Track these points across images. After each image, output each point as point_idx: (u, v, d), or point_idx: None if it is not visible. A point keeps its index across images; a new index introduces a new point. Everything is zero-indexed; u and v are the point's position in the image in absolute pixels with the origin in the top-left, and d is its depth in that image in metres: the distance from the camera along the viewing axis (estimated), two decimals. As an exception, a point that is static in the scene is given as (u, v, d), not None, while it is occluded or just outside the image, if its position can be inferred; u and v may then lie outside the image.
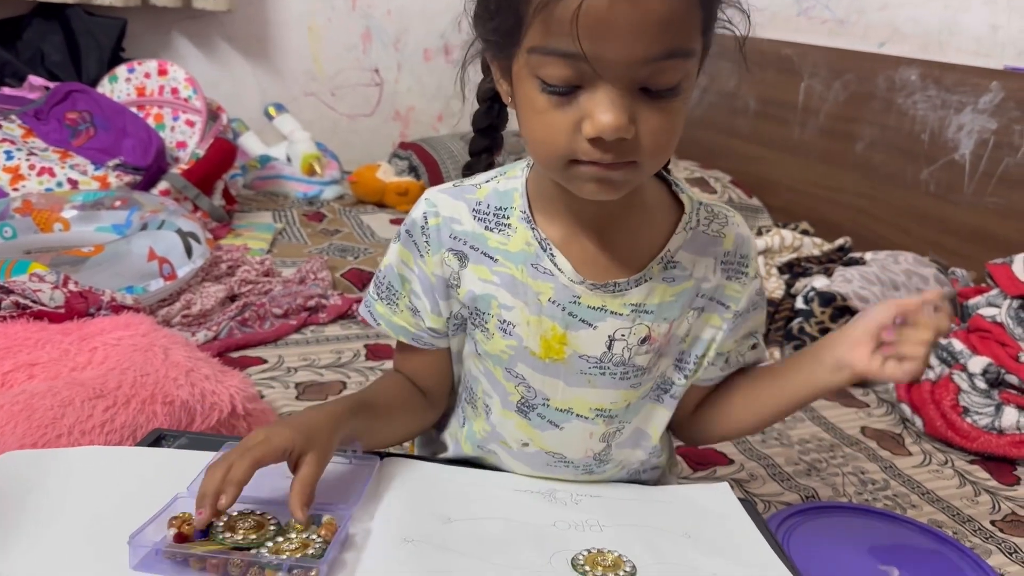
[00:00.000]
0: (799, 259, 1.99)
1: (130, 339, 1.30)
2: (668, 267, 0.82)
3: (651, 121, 0.66)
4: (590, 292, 0.81)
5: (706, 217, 0.85)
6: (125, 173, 2.17)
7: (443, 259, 0.84)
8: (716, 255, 0.85)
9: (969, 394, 1.56)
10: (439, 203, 0.84)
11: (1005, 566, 1.21)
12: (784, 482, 1.38)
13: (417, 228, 0.85)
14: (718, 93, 2.90)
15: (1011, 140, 1.98)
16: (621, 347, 0.83)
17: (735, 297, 0.87)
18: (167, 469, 0.85)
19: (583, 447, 0.89)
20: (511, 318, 0.83)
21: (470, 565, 0.74)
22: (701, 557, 0.80)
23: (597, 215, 0.80)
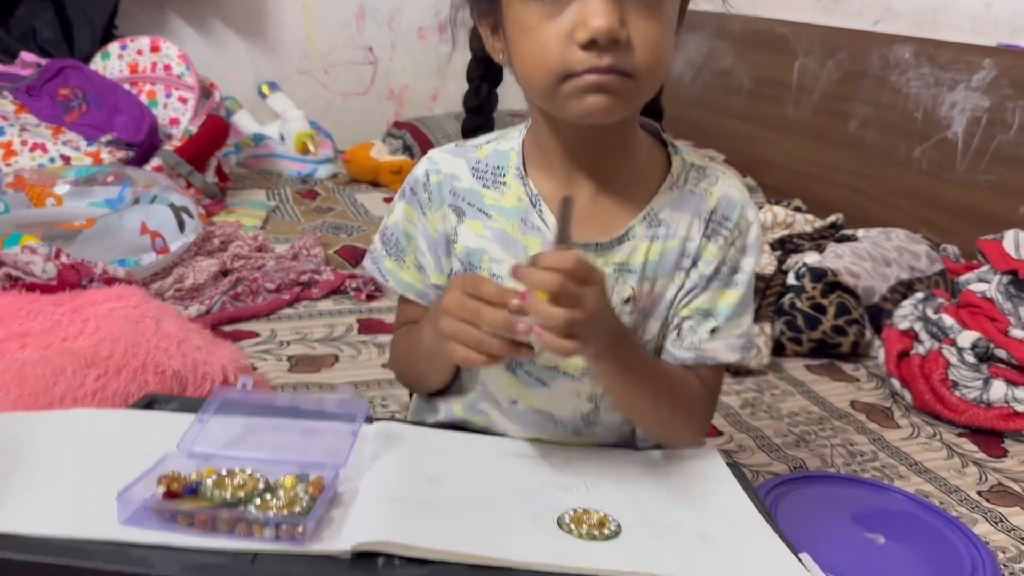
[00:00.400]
0: (791, 236, 2.00)
1: (122, 310, 1.30)
2: (652, 225, 0.83)
3: (641, 25, 0.68)
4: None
5: (695, 176, 0.85)
6: (118, 149, 2.16)
7: (444, 215, 0.86)
8: (700, 214, 0.84)
9: (958, 368, 1.57)
10: (440, 161, 0.87)
11: (990, 534, 1.22)
12: (772, 453, 1.39)
13: (420, 185, 0.87)
14: (712, 72, 2.90)
15: (1004, 118, 1.98)
16: None
17: (708, 259, 0.84)
18: (158, 430, 0.86)
19: (571, 406, 0.89)
20: (500, 272, 0.84)
21: (455, 521, 0.74)
22: (687, 518, 0.80)
23: (588, 173, 0.81)
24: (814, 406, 1.57)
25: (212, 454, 0.80)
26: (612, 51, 0.68)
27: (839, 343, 1.75)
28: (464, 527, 0.74)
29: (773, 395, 1.60)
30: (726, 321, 0.86)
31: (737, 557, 0.76)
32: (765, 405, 1.56)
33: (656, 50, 0.70)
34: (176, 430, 0.82)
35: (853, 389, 1.66)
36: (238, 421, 0.86)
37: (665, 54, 0.72)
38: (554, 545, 0.73)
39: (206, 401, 0.88)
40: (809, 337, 1.75)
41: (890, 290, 1.86)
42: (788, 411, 1.54)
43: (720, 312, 0.85)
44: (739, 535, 0.79)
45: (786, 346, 1.76)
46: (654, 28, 0.69)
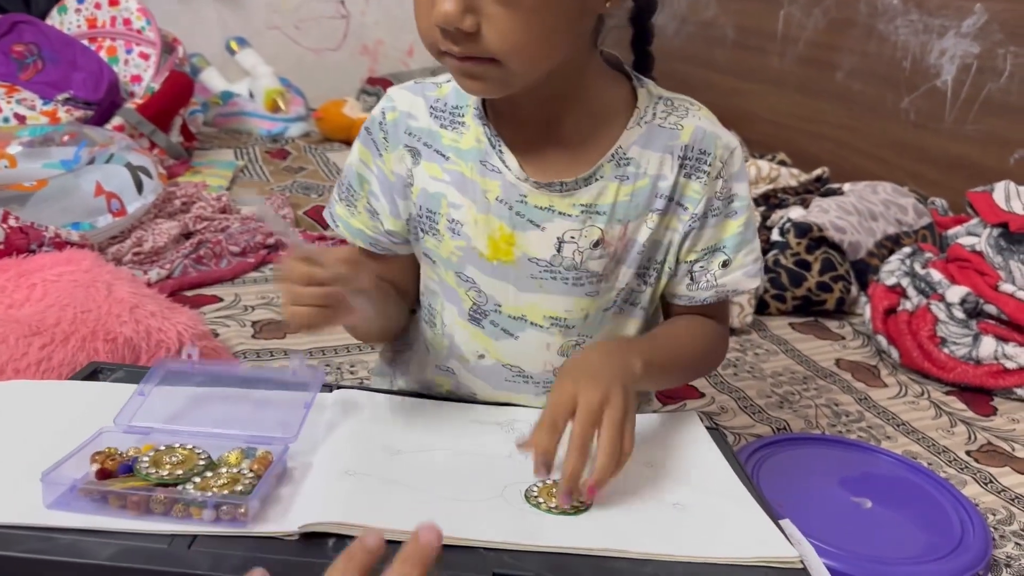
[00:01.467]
0: (775, 190, 1.94)
1: (71, 275, 1.23)
2: (620, 164, 0.78)
3: (495, 16, 0.64)
4: (536, 191, 0.78)
5: (664, 110, 0.80)
6: (76, 108, 2.07)
7: (400, 156, 0.82)
8: (673, 150, 0.79)
9: (947, 324, 1.53)
10: (397, 99, 0.83)
11: (980, 496, 1.18)
12: (756, 415, 1.34)
13: (376, 124, 0.83)
14: (696, 23, 2.82)
15: (995, 65, 1.92)
16: (572, 250, 0.79)
17: (694, 198, 0.81)
18: (99, 403, 0.80)
19: (541, 359, 0.85)
20: (459, 216, 0.80)
21: (414, 497, 0.69)
22: (664, 487, 0.76)
23: (545, 112, 0.77)
24: (798, 365, 1.53)
25: (152, 428, 0.74)
26: (462, 39, 0.66)
27: (824, 300, 1.70)
28: (424, 503, 0.69)
29: (756, 355, 1.56)
30: (736, 250, 0.84)
31: (715, 527, 0.71)
32: (748, 365, 1.51)
33: (512, 40, 0.65)
34: (119, 401, 0.77)
35: (838, 347, 1.61)
36: (183, 393, 0.80)
37: (531, 42, 0.66)
38: (521, 521, 0.68)
39: (149, 371, 0.82)
40: (793, 294, 1.70)
41: (876, 245, 1.81)
42: (771, 371, 1.50)
43: (727, 244, 0.83)
44: (718, 504, 0.75)
45: (769, 304, 1.71)
46: (512, 19, 0.64)
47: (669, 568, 0.66)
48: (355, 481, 0.70)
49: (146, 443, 0.71)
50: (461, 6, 0.64)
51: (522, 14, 0.65)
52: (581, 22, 0.71)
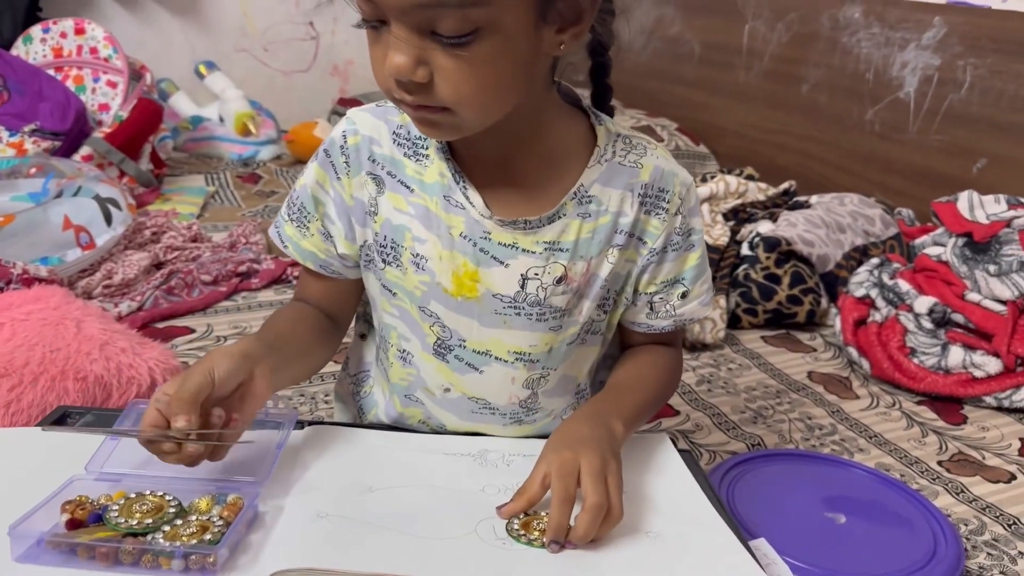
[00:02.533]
0: (744, 205, 1.96)
1: (40, 313, 1.22)
2: (583, 202, 0.79)
3: (446, 68, 0.65)
4: (500, 228, 0.78)
5: (623, 148, 0.81)
6: (43, 139, 2.06)
7: (363, 182, 0.81)
8: (633, 187, 0.81)
9: (916, 334, 1.55)
10: (359, 122, 0.82)
11: (952, 506, 1.20)
12: (730, 431, 1.35)
13: (336, 147, 0.82)
14: (662, 39, 2.84)
15: (955, 76, 1.95)
16: (535, 286, 0.80)
17: (653, 234, 0.82)
18: (69, 449, 0.79)
19: (506, 393, 0.85)
20: (424, 252, 0.80)
21: (388, 538, 0.69)
22: (637, 516, 0.76)
23: (503, 152, 0.78)
24: (771, 379, 1.54)
25: (124, 475, 0.73)
26: (416, 89, 0.66)
27: (795, 313, 1.72)
28: (397, 544, 0.69)
29: (730, 369, 1.57)
30: (693, 282, 0.86)
31: (686, 555, 0.72)
32: (722, 380, 1.52)
33: (463, 91, 0.66)
34: (88, 448, 0.76)
35: (810, 359, 1.63)
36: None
37: (483, 91, 0.67)
38: (495, 559, 0.68)
39: (121, 415, 0.82)
40: (764, 308, 1.72)
41: (845, 257, 1.83)
42: (745, 385, 1.51)
43: (686, 276, 0.86)
44: (689, 531, 0.75)
45: (741, 318, 1.73)
46: (461, 71, 0.65)
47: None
48: (326, 523, 0.70)
49: (118, 490, 0.71)
50: (413, 59, 0.64)
51: (473, 66, 0.65)
52: (535, 67, 0.72)
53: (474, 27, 0.63)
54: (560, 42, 0.70)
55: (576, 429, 0.77)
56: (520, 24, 0.66)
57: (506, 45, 0.66)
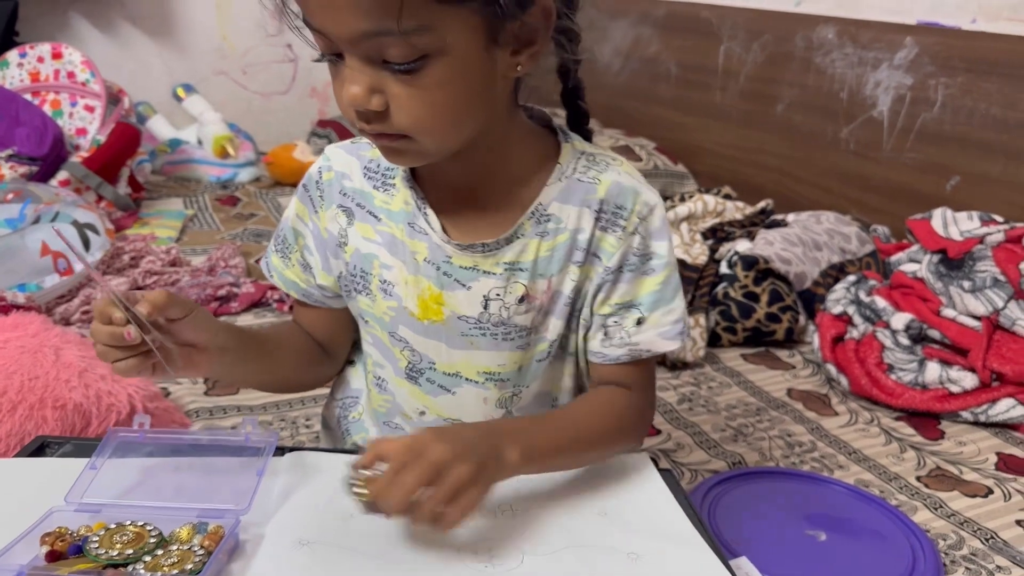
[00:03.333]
0: (722, 224, 1.98)
1: (18, 340, 1.21)
2: (541, 221, 0.79)
3: (398, 95, 0.66)
4: (459, 252, 0.79)
5: (585, 165, 0.81)
6: (20, 164, 2.05)
7: (335, 214, 0.84)
8: (590, 203, 0.80)
9: (893, 351, 1.56)
10: (333, 158, 0.85)
11: (930, 521, 1.21)
12: (711, 449, 1.36)
13: (312, 183, 0.85)
14: (639, 60, 2.87)
15: (927, 95, 1.98)
16: (498, 307, 0.81)
17: (608, 251, 0.81)
18: (48, 480, 0.79)
19: (480, 413, 0.86)
20: (390, 278, 0.82)
21: (367, 564, 0.69)
22: (618, 537, 0.76)
23: (467, 176, 0.79)
24: (751, 397, 1.55)
25: (104, 505, 0.73)
26: (373, 118, 0.68)
27: (774, 330, 1.74)
28: (379, 569, 0.69)
29: (710, 388, 1.58)
30: (652, 309, 0.83)
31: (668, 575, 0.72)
32: (702, 399, 1.53)
33: (419, 118, 0.67)
34: (68, 478, 0.76)
35: (789, 377, 1.64)
36: (134, 464, 0.79)
37: (437, 117, 0.68)
38: (476, 583, 0.68)
39: (100, 444, 0.81)
40: (744, 326, 1.73)
41: (822, 274, 1.85)
42: (725, 404, 1.52)
43: (643, 301, 0.83)
44: (670, 551, 0.76)
45: (721, 336, 1.74)
46: (414, 97, 0.66)
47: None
48: (308, 551, 0.70)
49: (98, 520, 0.70)
50: (367, 88, 0.66)
51: (425, 91, 0.66)
52: (492, 90, 0.72)
53: (421, 53, 0.64)
54: (516, 64, 0.71)
55: (466, 432, 0.73)
56: (470, 48, 0.66)
57: (457, 69, 0.66)
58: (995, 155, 1.86)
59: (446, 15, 0.63)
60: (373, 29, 0.63)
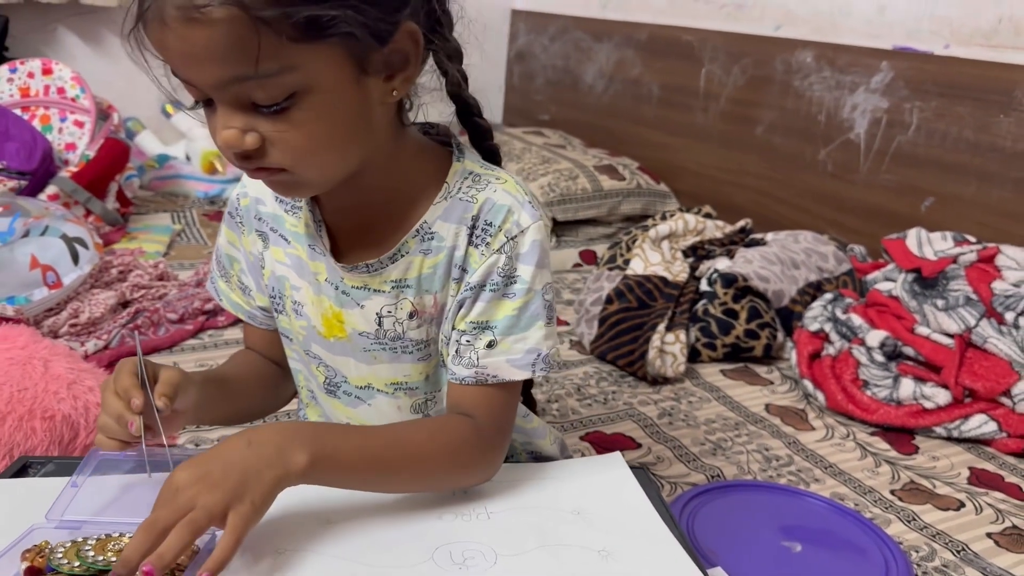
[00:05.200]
0: (703, 242, 2.02)
1: (7, 352, 1.23)
2: (425, 239, 0.80)
3: (272, 133, 0.67)
4: (348, 273, 0.82)
5: (469, 184, 0.81)
6: (9, 178, 2.06)
7: (254, 239, 0.87)
8: (465, 221, 0.80)
9: (868, 367, 1.60)
10: (248, 184, 0.87)
11: (904, 534, 1.24)
12: (690, 463, 1.39)
13: (234, 209, 0.88)
14: (623, 81, 2.91)
15: (902, 118, 2.03)
16: (391, 322, 0.83)
17: (473, 267, 0.80)
18: (28, 499, 0.80)
19: (397, 419, 0.88)
20: (299, 298, 0.85)
21: (346, 568, 0.71)
22: (591, 535, 0.78)
23: (358, 199, 0.79)
24: (730, 412, 1.58)
25: (84, 521, 0.74)
26: (251, 155, 0.68)
27: (752, 347, 1.77)
28: (356, 573, 0.71)
29: (690, 403, 1.61)
30: (505, 334, 0.80)
31: (639, 573, 0.74)
32: (683, 414, 1.56)
33: (294, 153, 0.68)
34: (49, 497, 0.76)
35: (767, 392, 1.67)
36: (115, 481, 0.80)
37: (313, 151, 0.69)
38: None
39: (82, 462, 0.83)
40: (723, 342, 1.76)
41: (799, 292, 1.89)
42: (705, 418, 1.55)
43: (497, 325, 0.80)
44: (643, 550, 0.78)
45: (701, 352, 1.77)
46: (288, 132, 0.67)
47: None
48: (284, 559, 0.71)
49: (79, 537, 0.71)
50: (239, 130, 0.66)
51: (298, 128, 0.67)
52: (370, 118, 0.72)
53: (288, 92, 0.65)
54: (391, 89, 0.72)
55: (232, 452, 0.69)
56: (338, 81, 0.67)
57: (328, 103, 0.67)
58: (968, 177, 1.91)
59: (306, 53, 0.64)
60: (234, 75, 0.63)
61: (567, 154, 2.71)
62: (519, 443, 0.98)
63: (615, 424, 1.51)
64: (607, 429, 1.49)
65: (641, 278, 1.85)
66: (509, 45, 3.48)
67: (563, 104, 3.22)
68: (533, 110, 3.35)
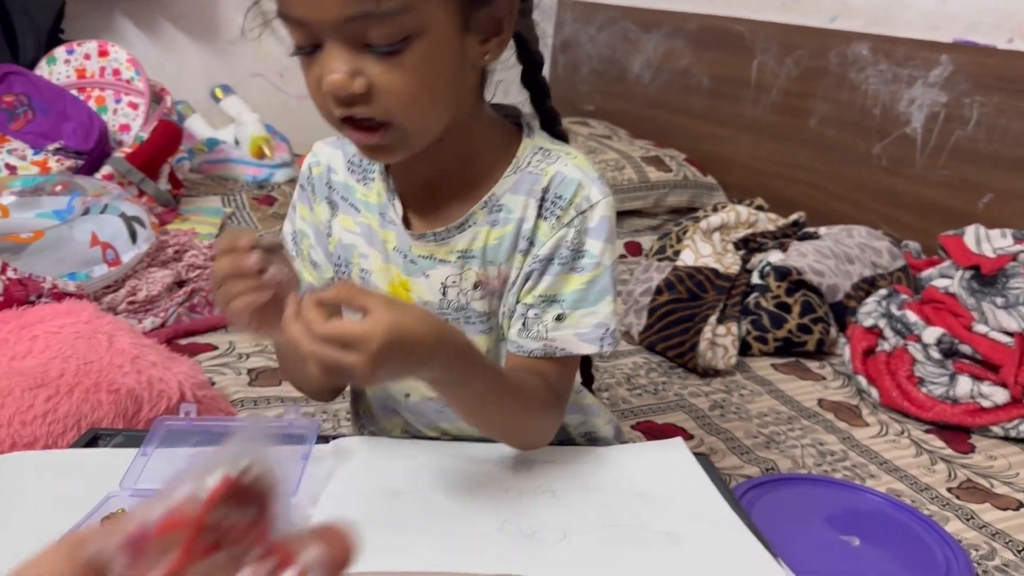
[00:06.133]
0: (754, 234, 2.00)
1: (72, 326, 1.25)
2: (493, 211, 0.81)
3: (381, 76, 0.67)
4: (416, 241, 0.83)
5: (539, 158, 0.82)
6: (66, 157, 2.10)
7: (323, 208, 0.88)
8: (535, 193, 0.81)
9: (924, 364, 1.57)
10: (320, 153, 0.89)
11: (962, 532, 1.22)
12: (744, 455, 1.38)
13: (305, 179, 0.90)
14: (671, 71, 2.89)
15: (961, 113, 1.99)
16: (455, 293, 0.84)
17: (541, 240, 0.81)
18: (101, 468, 0.82)
19: None
20: (367, 266, 0.86)
21: (417, 541, 0.71)
22: (655, 517, 0.78)
23: (435, 168, 0.81)
24: (782, 406, 1.57)
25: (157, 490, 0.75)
26: (355, 103, 0.68)
27: (804, 341, 1.75)
28: (427, 544, 0.71)
29: (741, 395, 1.59)
30: (574, 307, 0.81)
31: (708, 555, 0.74)
32: (734, 406, 1.55)
33: (402, 97, 0.69)
34: (120, 466, 0.79)
35: (820, 387, 1.66)
36: (183, 452, 0.82)
37: (417, 95, 0.70)
38: (521, 554, 0.71)
39: (149, 432, 0.85)
40: (775, 336, 1.75)
41: (853, 287, 1.86)
42: (757, 411, 1.54)
43: (566, 298, 0.81)
44: (709, 532, 0.78)
45: (752, 345, 1.75)
46: (398, 76, 0.68)
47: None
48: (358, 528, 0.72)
49: (150, 505, 0.73)
50: (349, 72, 0.67)
51: (408, 72, 0.68)
52: (464, 77, 0.74)
53: (405, 34, 0.66)
54: (484, 53, 0.74)
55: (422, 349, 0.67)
56: (447, 30, 0.69)
57: (436, 50, 0.69)
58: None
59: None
60: (358, 11, 0.64)
61: (613, 144, 2.70)
62: (574, 425, 0.98)
63: (666, 414, 1.51)
64: (658, 419, 1.48)
65: (692, 269, 1.84)
66: (555, 35, 3.47)
67: (609, 95, 3.21)
68: (578, 100, 3.34)
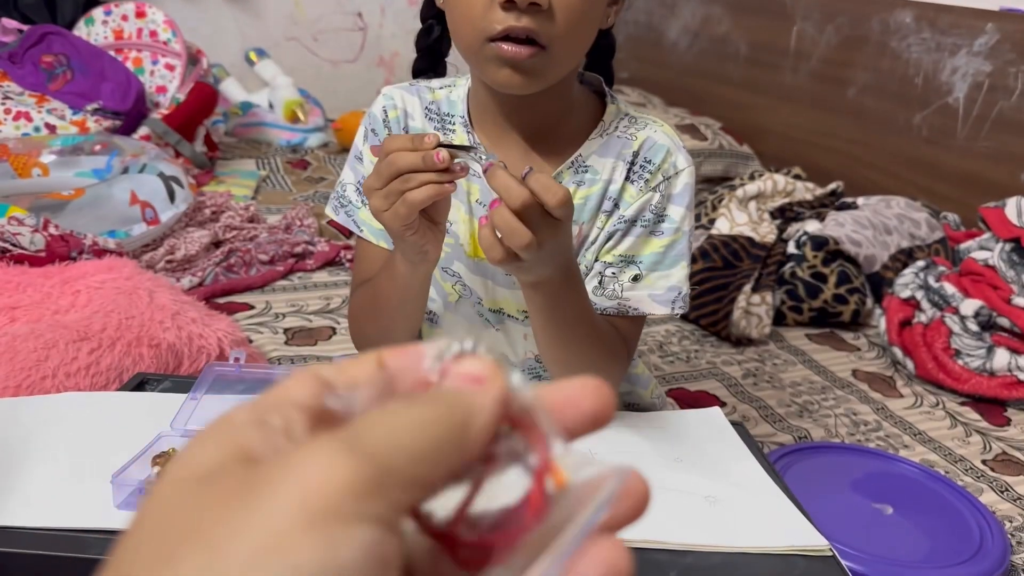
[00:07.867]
0: (791, 204, 1.98)
1: (113, 282, 1.27)
2: (579, 171, 0.84)
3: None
4: None
5: (626, 124, 0.85)
6: (104, 118, 2.11)
7: None
8: (624, 156, 0.83)
9: (961, 336, 1.56)
10: (395, 97, 0.88)
11: (996, 503, 1.21)
12: (777, 423, 1.38)
13: (379, 123, 0.88)
14: (708, 39, 2.86)
15: (1006, 83, 1.95)
16: None
17: (628, 201, 0.84)
18: (150, 411, 0.84)
19: (521, 349, 0.91)
20: (450, 216, 0.84)
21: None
22: (693, 481, 0.79)
23: (520, 129, 0.82)
24: (816, 375, 1.56)
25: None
26: (530, 14, 0.69)
27: (840, 312, 1.74)
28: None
29: (775, 365, 1.59)
30: (650, 269, 0.84)
31: (747, 519, 0.75)
32: (767, 375, 1.54)
33: (575, 18, 0.71)
34: (168, 410, 0.80)
35: (854, 358, 1.65)
36: (232, 398, 0.84)
37: (585, 23, 0.72)
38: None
39: (199, 377, 0.86)
40: (810, 306, 1.74)
41: (891, 258, 1.84)
42: (790, 381, 1.53)
43: (644, 260, 0.84)
44: (747, 497, 0.78)
45: (787, 315, 1.74)
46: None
47: (707, 558, 0.69)
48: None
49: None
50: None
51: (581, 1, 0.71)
52: (595, 31, 0.77)
53: None
54: (608, 15, 0.77)
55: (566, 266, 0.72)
56: None
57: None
58: (1075, 146, 1.84)
59: None
60: None
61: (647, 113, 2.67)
62: (619, 394, 0.99)
63: (698, 382, 1.50)
64: (691, 386, 1.48)
65: (727, 238, 1.83)
66: (590, 1, 3.43)
67: (644, 61, 3.17)
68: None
